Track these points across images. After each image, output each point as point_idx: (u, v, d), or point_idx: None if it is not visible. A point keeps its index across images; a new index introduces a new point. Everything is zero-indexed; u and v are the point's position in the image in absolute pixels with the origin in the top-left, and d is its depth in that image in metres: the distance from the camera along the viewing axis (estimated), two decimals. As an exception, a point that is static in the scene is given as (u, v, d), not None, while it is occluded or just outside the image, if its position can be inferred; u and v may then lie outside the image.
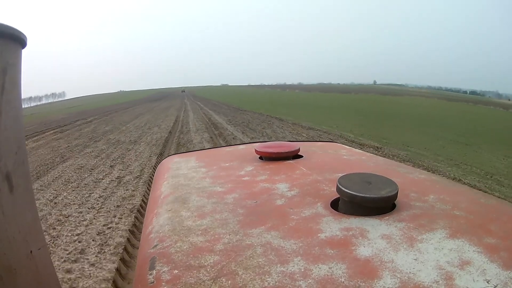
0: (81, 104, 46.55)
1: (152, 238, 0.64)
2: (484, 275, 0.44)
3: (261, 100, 31.91)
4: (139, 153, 7.21)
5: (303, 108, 20.57)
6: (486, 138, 11.74)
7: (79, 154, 7.38)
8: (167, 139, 9.08)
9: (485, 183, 5.28)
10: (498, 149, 9.24)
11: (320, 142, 1.57)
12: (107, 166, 6.04)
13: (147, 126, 12.63)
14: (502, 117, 25.21)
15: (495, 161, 7.46)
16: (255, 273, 0.48)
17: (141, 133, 10.57)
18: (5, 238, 0.56)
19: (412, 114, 19.98)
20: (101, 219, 3.52)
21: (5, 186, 0.57)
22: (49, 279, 0.73)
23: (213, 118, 14.32)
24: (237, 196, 0.78)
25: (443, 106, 33.78)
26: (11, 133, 0.60)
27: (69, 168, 6.00)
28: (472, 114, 24.48)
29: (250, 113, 16.46)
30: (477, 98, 74.16)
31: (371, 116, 16.94)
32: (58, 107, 49.10)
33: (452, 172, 5.79)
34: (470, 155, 7.99)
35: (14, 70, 0.61)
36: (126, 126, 12.85)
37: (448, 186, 0.84)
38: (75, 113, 24.59)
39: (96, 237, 3.09)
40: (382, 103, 32.28)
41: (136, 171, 5.61)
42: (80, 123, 15.27)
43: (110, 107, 30.87)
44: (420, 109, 24.76)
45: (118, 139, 9.39)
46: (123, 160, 6.57)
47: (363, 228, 0.58)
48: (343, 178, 0.69)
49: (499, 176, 5.93)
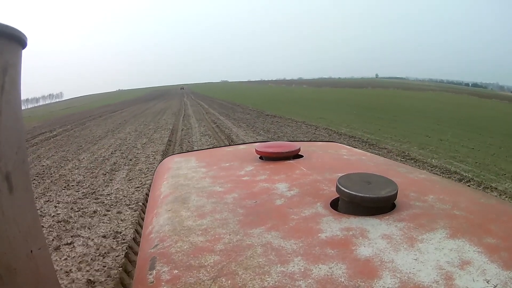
0: (72, 106, 40.59)
1: (153, 238, 0.64)
2: (484, 275, 0.44)
3: (280, 98, 25.85)
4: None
5: (340, 109, 15.18)
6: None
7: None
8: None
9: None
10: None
11: (320, 142, 1.57)
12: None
13: (123, 151, 7.07)
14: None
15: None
16: (255, 273, 0.48)
17: (97, 186, 4.66)
18: (5, 238, 0.56)
19: (445, 113, 15.02)
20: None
21: (5, 186, 0.57)
22: (49, 279, 0.73)
23: (233, 135, 8.24)
24: (237, 196, 0.78)
25: (459, 101, 27.61)
26: (11, 133, 0.60)
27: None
28: (494, 111, 18.38)
29: (282, 120, 11.10)
30: (483, 91, 70.69)
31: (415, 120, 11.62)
32: (48, 109, 44.19)
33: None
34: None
35: (14, 70, 0.61)
36: (84, 155, 6.90)
37: (448, 186, 0.84)
38: (52, 120, 18.26)
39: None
40: (408, 99, 26.06)
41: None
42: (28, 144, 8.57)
43: (98, 109, 25.76)
44: (442, 105, 19.97)
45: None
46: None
47: (363, 228, 0.58)
48: (343, 178, 0.69)
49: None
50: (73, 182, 4.91)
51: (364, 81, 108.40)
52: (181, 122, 11.96)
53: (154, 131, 9.88)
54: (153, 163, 5.69)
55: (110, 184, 4.69)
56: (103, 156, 6.73)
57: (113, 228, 3.15)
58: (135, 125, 12.00)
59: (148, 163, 5.83)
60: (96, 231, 3.10)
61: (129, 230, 3.08)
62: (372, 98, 26.50)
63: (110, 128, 11.54)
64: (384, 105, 18.59)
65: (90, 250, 2.74)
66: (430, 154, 6.27)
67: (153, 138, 8.70)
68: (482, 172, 5.10)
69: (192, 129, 9.99)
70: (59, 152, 7.55)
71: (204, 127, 10.27)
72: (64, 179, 5.08)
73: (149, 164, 5.77)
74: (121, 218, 3.40)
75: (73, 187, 4.63)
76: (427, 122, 11.07)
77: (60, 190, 4.52)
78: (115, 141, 8.72)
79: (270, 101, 22.08)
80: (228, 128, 9.48)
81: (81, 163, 6.22)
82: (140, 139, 8.67)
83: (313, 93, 35.50)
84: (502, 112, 17.65)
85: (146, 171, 5.29)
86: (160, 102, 29.08)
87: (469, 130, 9.53)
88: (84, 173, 5.40)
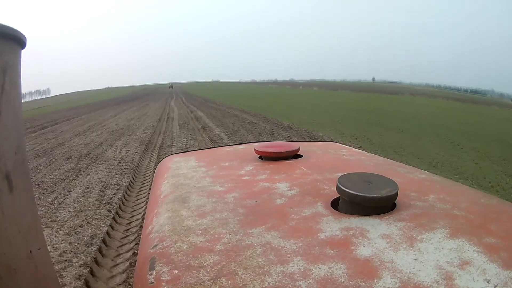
0: (46, 106, 34.28)
1: (152, 238, 0.64)
2: (484, 275, 0.44)
3: (293, 103, 19.93)
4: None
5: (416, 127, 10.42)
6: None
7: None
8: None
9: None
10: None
11: (320, 142, 1.57)
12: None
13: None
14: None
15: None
16: (255, 273, 0.48)
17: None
18: (5, 238, 0.56)
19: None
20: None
21: (5, 186, 0.57)
22: (48, 279, 0.73)
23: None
24: (237, 196, 0.78)
25: (468, 109, 22.36)
26: (11, 133, 0.60)
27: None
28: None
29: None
30: (485, 99, 66.89)
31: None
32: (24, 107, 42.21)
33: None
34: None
35: (14, 71, 0.61)
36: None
37: (448, 186, 0.84)
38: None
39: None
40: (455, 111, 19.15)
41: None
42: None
43: (67, 111, 18.79)
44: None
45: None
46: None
47: (363, 228, 0.58)
48: (343, 177, 0.69)
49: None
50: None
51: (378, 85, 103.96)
52: (155, 154, 6.10)
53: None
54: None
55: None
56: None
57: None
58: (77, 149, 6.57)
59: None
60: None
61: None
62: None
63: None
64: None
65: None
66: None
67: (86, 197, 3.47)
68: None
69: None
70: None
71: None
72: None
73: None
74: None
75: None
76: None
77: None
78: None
79: (285, 105, 17.43)
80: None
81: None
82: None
83: (330, 97, 29.48)
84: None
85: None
86: (140, 104, 22.26)
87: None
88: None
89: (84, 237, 2.84)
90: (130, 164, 5.34)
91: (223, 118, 11.44)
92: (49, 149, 6.89)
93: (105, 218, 3.20)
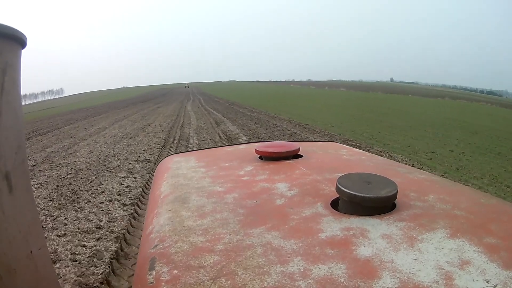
0: (57, 106, 35.16)
1: (153, 238, 0.64)
2: (484, 275, 0.44)
3: (344, 111, 15.11)
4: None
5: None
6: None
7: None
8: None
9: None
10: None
11: (320, 142, 1.56)
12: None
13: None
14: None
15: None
16: (254, 273, 0.48)
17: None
18: (5, 238, 0.56)
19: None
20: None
21: (5, 186, 0.57)
22: (48, 279, 0.73)
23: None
24: (237, 196, 0.78)
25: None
26: (11, 133, 0.60)
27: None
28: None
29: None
30: (501, 99, 61.77)
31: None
32: (31, 109, 38.86)
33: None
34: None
35: (14, 71, 0.61)
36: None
37: (448, 186, 0.84)
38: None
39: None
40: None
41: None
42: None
43: (69, 114, 17.90)
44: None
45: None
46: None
47: (363, 228, 0.58)
48: (343, 178, 0.69)
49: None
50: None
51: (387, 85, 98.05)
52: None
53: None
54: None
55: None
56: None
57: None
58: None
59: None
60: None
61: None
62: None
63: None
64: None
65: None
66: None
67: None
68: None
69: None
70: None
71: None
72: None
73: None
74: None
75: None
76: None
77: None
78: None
79: (330, 112, 14.25)
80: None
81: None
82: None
83: (366, 99, 25.63)
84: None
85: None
86: (146, 109, 18.68)
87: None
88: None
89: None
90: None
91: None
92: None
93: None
